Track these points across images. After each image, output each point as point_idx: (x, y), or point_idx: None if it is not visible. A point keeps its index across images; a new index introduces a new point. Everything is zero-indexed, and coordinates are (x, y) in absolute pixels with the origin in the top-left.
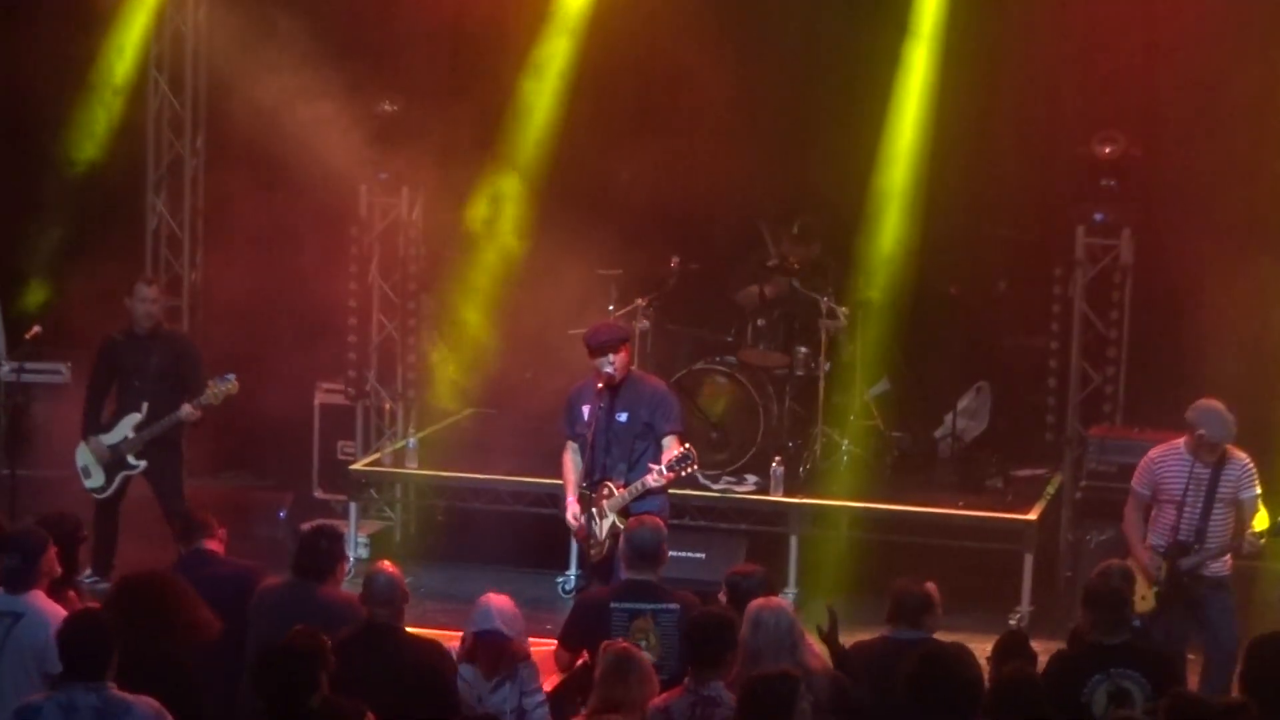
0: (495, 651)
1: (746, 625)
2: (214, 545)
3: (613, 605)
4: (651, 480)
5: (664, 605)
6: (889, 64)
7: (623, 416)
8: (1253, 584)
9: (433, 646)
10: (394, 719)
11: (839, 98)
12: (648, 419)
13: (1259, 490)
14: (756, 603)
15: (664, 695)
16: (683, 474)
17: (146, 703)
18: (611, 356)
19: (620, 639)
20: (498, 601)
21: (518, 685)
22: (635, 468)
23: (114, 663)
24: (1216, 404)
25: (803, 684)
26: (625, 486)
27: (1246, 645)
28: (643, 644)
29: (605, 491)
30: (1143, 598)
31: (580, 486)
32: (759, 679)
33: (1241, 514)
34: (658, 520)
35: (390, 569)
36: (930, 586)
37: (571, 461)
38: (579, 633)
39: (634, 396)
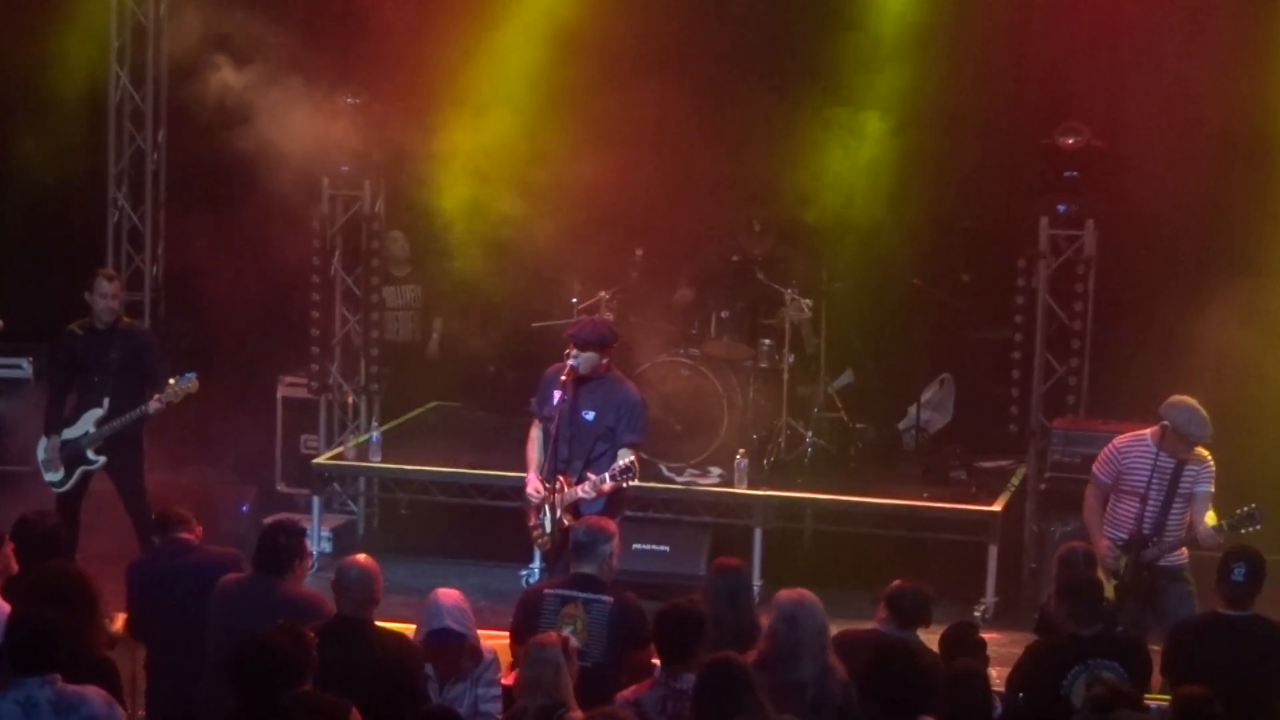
0: (450, 651)
1: (781, 621)
2: (190, 538)
3: (546, 592)
4: (582, 492)
5: (597, 596)
6: (853, 56)
7: (589, 415)
8: (1211, 573)
9: (400, 640)
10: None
11: (803, 90)
12: (612, 424)
13: (1213, 489)
14: (789, 596)
15: (633, 688)
16: (623, 485)
17: (96, 692)
18: (576, 352)
19: (569, 625)
20: (446, 598)
21: (475, 679)
22: (591, 467)
23: (62, 656)
24: (1192, 402)
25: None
26: (577, 484)
27: (1168, 630)
28: (569, 629)
29: (558, 485)
30: None
31: (541, 470)
32: (711, 665)
33: (1193, 508)
34: (603, 520)
35: (364, 562)
36: (928, 589)
37: (536, 439)
38: (519, 624)
39: (605, 398)
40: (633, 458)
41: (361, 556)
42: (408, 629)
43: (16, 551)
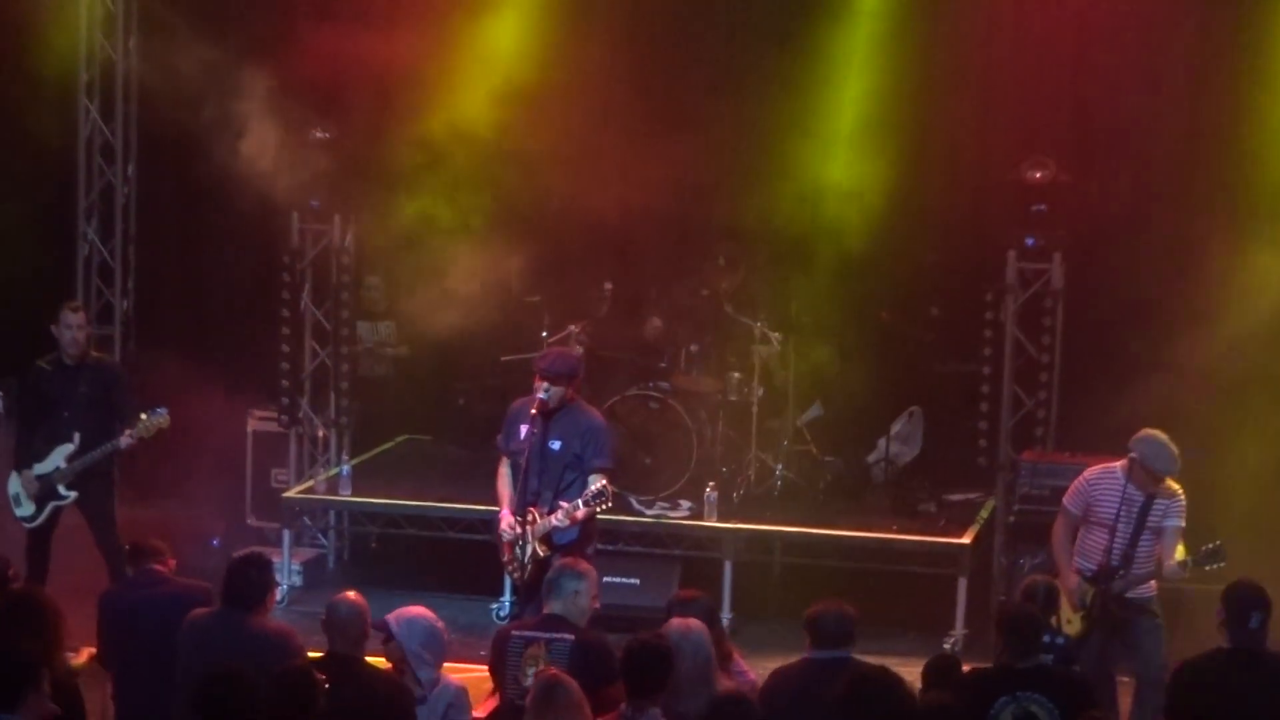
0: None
1: None
2: (162, 570)
3: (513, 633)
4: (555, 520)
5: (559, 635)
6: (822, 90)
7: (555, 445)
8: (1179, 606)
9: (391, 679)
10: None
11: (771, 122)
12: (579, 450)
13: (1183, 524)
14: (674, 627)
15: None
16: (597, 510)
17: None
18: (548, 384)
19: (532, 666)
20: (413, 608)
21: (436, 706)
22: (562, 496)
23: (29, 696)
24: (1161, 436)
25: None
26: (549, 514)
27: (1171, 672)
28: (531, 670)
29: (530, 518)
30: (1069, 621)
31: (513, 504)
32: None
33: (1162, 542)
34: (577, 560)
35: (354, 599)
36: (849, 608)
37: (506, 476)
38: (491, 664)
39: (570, 426)
40: (604, 482)
41: (351, 593)
42: (378, 662)
43: None
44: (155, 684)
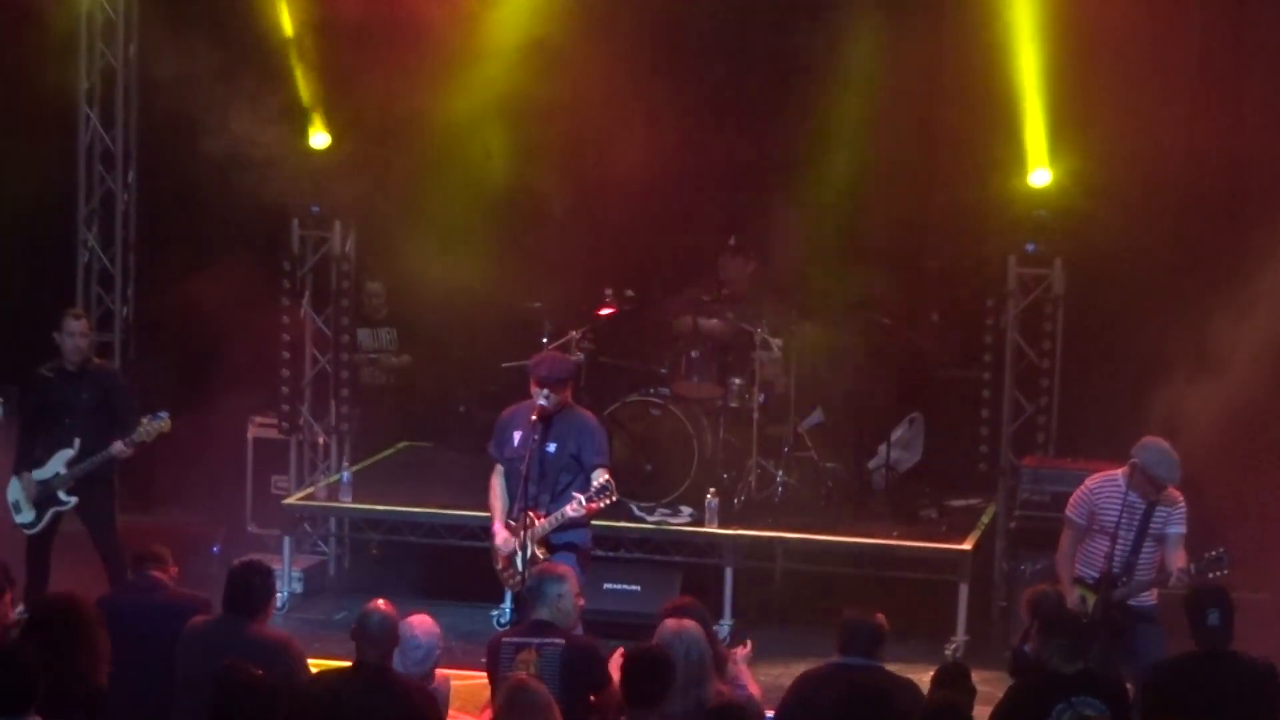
0: None
1: None
2: (162, 576)
3: (504, 640)
4: (571, 510)
5: (549, 640)
6: (823, 94)
7: (551, 448)
8: (1180, 613)
9: (421, 690)
10: None
11: (772, 128)
12: (574, 451)
13: (1185, 530)
14: (668, 628)
15: None
16: (602, 504)
17: None
18: (548, 391)
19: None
20: (419, 617)
21: None
22: (558, 500)
23: (36, 697)
24: (1164, 444)
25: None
26: (546, 516)
27: (1141, 672)
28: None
29: (527, 521)
30: None
31: (506, 514)
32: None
33: (1164, 549)
34: (552, 565)
35: (385, 609)
36: (881, 618)
37: (499, 486)
38: (488, 671)
39: (564, 428)
40: (607, 476)
41: (382, 603)
42: None
43: None
44: (142, 690)
